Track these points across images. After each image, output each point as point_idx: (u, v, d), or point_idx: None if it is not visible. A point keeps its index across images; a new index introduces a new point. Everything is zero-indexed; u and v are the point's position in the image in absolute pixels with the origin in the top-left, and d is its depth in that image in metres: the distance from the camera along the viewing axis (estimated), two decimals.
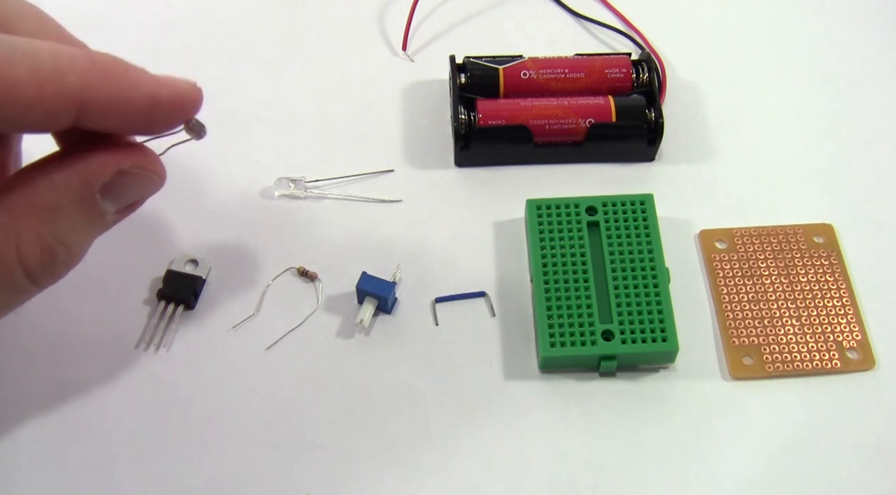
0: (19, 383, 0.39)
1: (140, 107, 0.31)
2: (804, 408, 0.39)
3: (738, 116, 0.47)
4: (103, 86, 0.30)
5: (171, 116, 0.32)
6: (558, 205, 0.42)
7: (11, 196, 0.31)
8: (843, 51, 0.49)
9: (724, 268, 0.42)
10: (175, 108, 0.32)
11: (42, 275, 0.32)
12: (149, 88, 0.31)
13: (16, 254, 0.31)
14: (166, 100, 0.31)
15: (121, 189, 0.33)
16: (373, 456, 0.37)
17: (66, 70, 0.29)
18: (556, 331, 0.39)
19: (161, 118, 0.32)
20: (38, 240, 0.31)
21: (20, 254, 0.31)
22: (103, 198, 0.32)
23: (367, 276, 0.40)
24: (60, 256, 0.32)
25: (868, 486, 0.37)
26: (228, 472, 0.37)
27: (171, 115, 0.32)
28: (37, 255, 0.31)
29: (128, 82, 0.31)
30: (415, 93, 0.48)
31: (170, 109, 0.32)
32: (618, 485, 0.37)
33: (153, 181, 0.34)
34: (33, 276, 0.31)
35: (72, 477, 0.37)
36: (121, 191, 0.33)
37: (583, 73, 0.46)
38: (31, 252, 0.31)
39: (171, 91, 0.32)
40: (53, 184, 0.31)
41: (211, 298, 0.41)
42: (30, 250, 0.31)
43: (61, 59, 0.29)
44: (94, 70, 0.30)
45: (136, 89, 0.31)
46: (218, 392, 0.39)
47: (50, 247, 0.31)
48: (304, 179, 0.44)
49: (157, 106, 0.31)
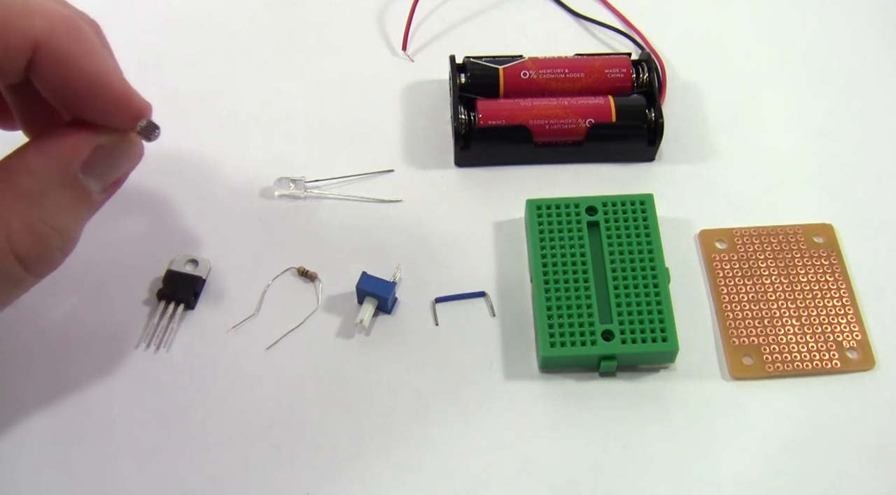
0: (19, 383, 0.39)
1: (89, 79, 0.31)
2: (804, 408, 0.39)
3: (738, 116, 0.47)
4: (66, 40, 0.30)
5: (111, 107, 0.32)
6: (558, 205, 0.42)
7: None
8: (843, 51, 0.49)
9: (724, 268, 0.42)
10: (119, 101, 0.32)
11: (36, 263, 0.32)
12: (104, 67, 0.31)
13: (6, 243, 0.30)
14: (114, 88, 0.31)
15: (101, 165, 0.33)
16: (373, 456, 0.37)
17: (37, 12, 0.29)
18: (556, 331, 0.39)
19: (101, 102, 0.31)
20: (27, 226, 0.31)
21: (11, 242, 0.31)
22: (86, 175, 0.32)
23: (367, 276, 0.40)
24: (53, 241, 0.32)
25: (868, 486, 0.37)
26: (228, 472, 0.37)
27: (112, 105, 0.32)
28: (28, 242, 0.31)
29: (90, 50, 0.31)
30: (415, 93, 0.48)
31: (113, 100, 0.31)
32: (618, 485, 0.37)
33: (132, 152, 0.34)
34: (27, 264, 0.31)
35: (72, 477, 0.37)
36: (101, 167, 0.33)
37: (583, 73, 0.46)
38: (21, 239, 0.31)
39: (122, 85, 0.32)
40: (32, 170, 0.31)
41: (211, 298, 0.41)
42: (20, 237, 0.31)
43: (36, 2, 0.30)
44: (65, 23, 0.30)
45: (93, 60, 0.31)
46: (218, 392, 0.39)
47: (41, 232, 0.31)
48: (304, 179, 0.44)
49: (104, 88, 0.31)
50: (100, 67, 0.31)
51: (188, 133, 0.45)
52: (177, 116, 0.46)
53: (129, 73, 0.33)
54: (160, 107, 0.34)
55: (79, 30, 0.31)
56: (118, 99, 0.32)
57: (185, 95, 0.47)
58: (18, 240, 0.31)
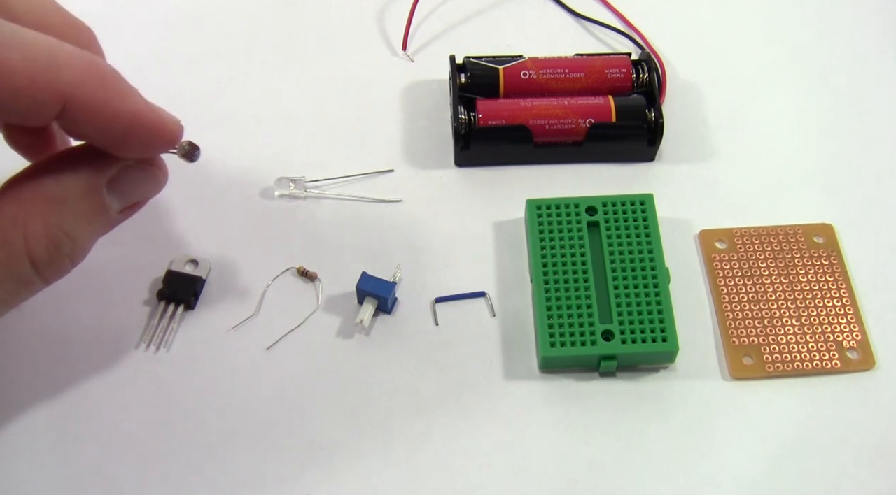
0: (19, 383, 0.39)
1: (122, 121, 0.31)
2: (804, 408, 0.39)
3: (738, 116, 0.47)
4: (95, 89, 0.30)
5: (146, 141, 0.32)
6: (558, 205, 0.42)
7: (20, 187, 0.31)
8: (843, 51, 0.49)
9: (724, 268, 0.42)
10: (153, 135, 0.32)
11: (47, 267, 0.32)
12: (135, 106, 0.32)
13: (23, 243, 0.31)
14: (148, 123, 0.32)
15: (126, 185, 0.33)
16: (373, 456, 0.37)
17: (63, 64, 0.30)
18: (556, 331, 0.39)
19: (136, 139, 0.32)
20: (45, 229, 0.31)
21: (27, 242, 0.31)
22: (109, 192, 0.33)
23: (367, 276, 0.40)
24: (65, 248, 0.32)
25: (868, 486, 0.37)
26: (228, 472, 0.37)
27: (147, 139, 0.32)
28: (43, 244, 0.31)
29: (118, 93, 0.31)
30: (415, 93, 0.48)
31: (148, 134, 0.32)
32: (618, 485, 0.37)
33: (157, 178, 0.35)
34: (38, 267, 0.32)
35: (72, 477, 0.37)
36: (126, 186, 0.33)
37: (583, 73, 0.46)
38: (37, 241, 0.31)
39: (154, 116, 0.32)
40: (61, 177, 0.32)
41: (211, 298, 0.41)
42: (36, 239, 0.31)
43: (60, 53, 0.30)
44: (90, 72, 0.30)
45: (123, 102, 0.31)
46: (218, 392, 0.39)
47: (56, 237, 0.32)
48: (304, 179, 0.44)
49: (138, 125, 0.32)
50: (131, 107, 0.31)
51: (188, 133, 0.45)
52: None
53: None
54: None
55: (105, 76, 0.31)
56: (152, 132, 0.32)
57: (185, 95, 0.47)
58: (34, 242, 0.31)
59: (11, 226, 0.31)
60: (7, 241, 0.31)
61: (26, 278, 0.32)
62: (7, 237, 0.31)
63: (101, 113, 0.31)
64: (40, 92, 0.29)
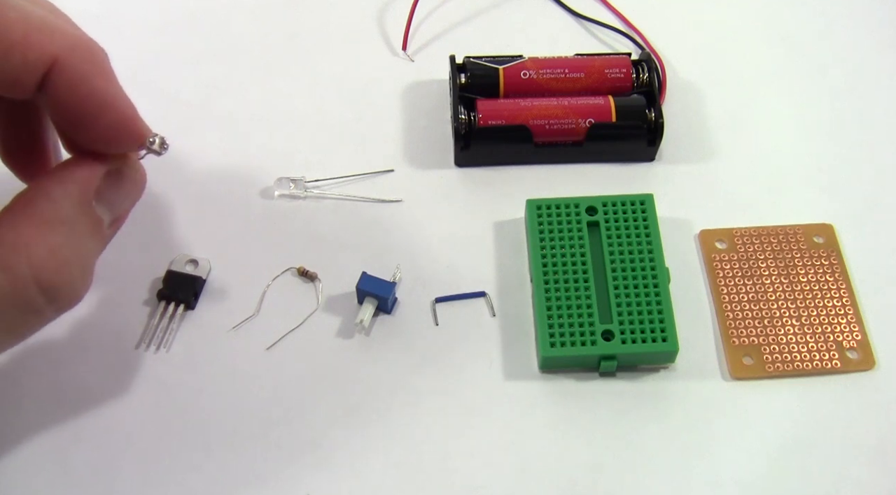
0: (19, 384, 0.39)
1: (100, 99, 0.31)
2: (804, 408, 0.39)
3: (738, 116, 0.47)
4: (82, 60, 0.31)
5: (119, 125, 0.32)
6: (558, 205, 0.42)
7: (15, 214, 0.31)
8: (843, 51, 0.49)
9: (724, 268, 0.42)
10: (126, 122, 0.32)
11: (58, 292, 0.31)
12: (115, 89, 0.32)
13: (28, 270, 0.30)
14: (122, 110, 0.32)
15: (112, 193, 0.33)
16: (373, 456, 0.37)
17: (56, 30, 0.30)
18: (556, 331, 0.39)
19: (109, 123, 0.32)
20: (50, 252, 0.30)
21: (33, 268, 0.30)
22: (98, 204, 0.32)
23: (367, 276, 0.40)
24: (76, 270, 0.31)
25: (868, 486, 0.37)
26: (229, 472, 0.37)
27: (119, 126, 0.32)
28: (52, 268, 0.30)
29: (103, 71, 0.31)
30: (415, 93, 0.48)
31: (122, 120, 0.32)
32: (618, 485, 0.37)
33: (137, 183, 0.34)
34: (49, 293, 0.30)
35: (72, 478, 0.37)
36: (112, 195, 0.33)
37: (583, 73, 0.46)
38: (44, 265, 0.30)
39: (131, 108, 0.32)
40: (52, 197, 0.31)
41: (211, 298, 0.41)
42: (43, 263, 0.30)
43: (55, 21, 0.30)
44: (81, 44, 0.31)
45: (106, 81, 0.31)
46: (218, 392, 0.39)
47: (65, 258, 0.31)
48: (304, 179, 0.44)
49: (113, 109, 0.32)
50: (111, 89, 0.32)
51: (188, 133, 0.45)
52: (177, 116, 0.46)
53: (128, 73, 0.33)
54: (160, 107, 0.34)
55: (95, 52, 0.31)
56: (125, 120, 0.32)
57: (184, 95, 0.47)
58: (41, 267, 0.30)
59: (13, 254, 0.29)
60: (9, 268, 0.29)
61: (37, 307, 0.30)
62: (9, 263, 0.29)
63: (83, 86, 0.31)
64: (31, 50, 0.30)
